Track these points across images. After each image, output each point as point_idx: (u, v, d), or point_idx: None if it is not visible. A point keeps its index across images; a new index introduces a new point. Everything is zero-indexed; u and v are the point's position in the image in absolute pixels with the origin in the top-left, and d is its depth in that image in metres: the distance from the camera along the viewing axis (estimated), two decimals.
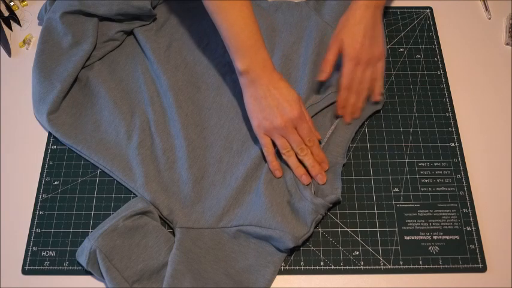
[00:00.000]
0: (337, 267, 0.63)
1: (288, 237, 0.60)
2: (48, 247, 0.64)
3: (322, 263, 0.63)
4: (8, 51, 0.79)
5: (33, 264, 0.63)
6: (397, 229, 0.65)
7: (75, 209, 0.67)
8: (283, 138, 0.65)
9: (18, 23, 0.82)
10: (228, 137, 0.71)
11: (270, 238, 0.61)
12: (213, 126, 0.72)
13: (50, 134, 0.72)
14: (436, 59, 0.78)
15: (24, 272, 0.63)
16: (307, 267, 0.63)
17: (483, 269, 0.62)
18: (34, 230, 0.66)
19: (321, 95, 0.72)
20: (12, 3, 0.83)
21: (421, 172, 0.69)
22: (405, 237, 0.64)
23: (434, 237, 0.64)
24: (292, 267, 0.63)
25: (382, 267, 0.63)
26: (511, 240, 0.64)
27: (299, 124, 0.64)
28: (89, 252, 0.59)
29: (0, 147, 0.72)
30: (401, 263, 0.63)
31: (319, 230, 0.65)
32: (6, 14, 0.82)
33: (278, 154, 0.67)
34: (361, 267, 0.63)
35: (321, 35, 0.76)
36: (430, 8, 0.83)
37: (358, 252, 0.64)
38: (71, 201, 0.67)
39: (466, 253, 0.63)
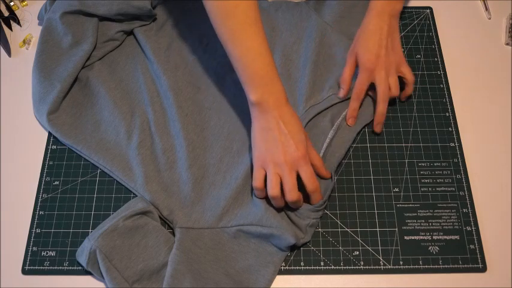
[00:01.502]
0: (337, 267, 0.63)
1: (289, 233, 0.60)
2: (48, 247, 0.64)
3: (322, 263, 0.63)
4: (8, 51, 0.79)
5: (33, 264, 0.63)
6: (397, 229, 0.65)
7: (75, 209, 0.67)
8: (278, 176, 0.61)
9: (18, 23, 0.82)
10: (228, 137, 0.70)
11: (271, 236, 0.61)
12: (213, 126, 0.72)
13: (50, 134, 0.72)
14: (436, 59, 0.78)
15: (24, 272, 0.63)
16: (307, 267, 0.63)
17: (483, 269, 0.62)
18: (34, 230, 0.66)
19: (322, 96, 0.72)
20: (12, 3, 0.83)
21: (421, 172, 0.69)
22: (405, 237, 0.64)
23: (434, 237, 0.64)
24: (292, 267, 0.63)
25: (382, 267, 0.63)
26: (511, 240, 0.65)
27: (301, 165, 0.60)
28: (89, 252, 0.59)
29: (0, 147, 0.72)
30: (401, 263, 0.63)
31: (319, 230, 0.65)
32: (6, 14, 0.82)
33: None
34: (361, 267, 0.63)
35: (321, 35, 0.76)
36: (430, 8, 0.83)
37: (358, 252, 0.64)
38: (71, 201, 0.67)
39: (466, 253, 0.63)
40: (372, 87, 0.71)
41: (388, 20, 0.70)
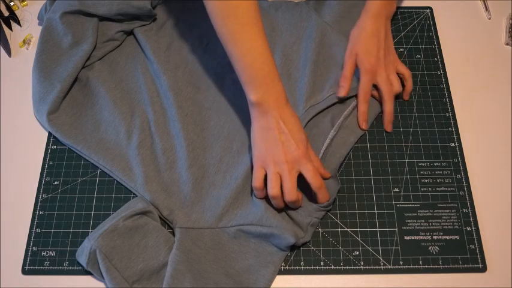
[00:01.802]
0: (337, 267, 0.63)
1: (289, 233, 0.60)
2: (48, 247, 0.64)
3: (322, 263, 0.63)
4: (8, 51, 0.79)
5: (33, 264, 0.63)
6: (397, 229, 0.65)
7: (75, 209, 0.67)
8: (278, 175, 0.61)
9: (18, 23, 0.82)
10: (228, 137, 0.71)
11: (271, 236, 0.61)
12: (213, 126, 0.72)
13: (50, 134, 0.72)
14: (436, 59, 0.78)
15: (24, 272, 0.63)
16: (307, 267, 0.63)
17: (483, 269, 0.62)
18: (34, 230, 0.66)
19: (322, 95, 0.72)
20: (12, 3, 0.83)
21: (421, 172, 0.69)
22: (405, 237, 0.64)
23: (434, 237, 0.64)
24: (292, 267, 0.63)
25: (382, 267, 0.63)
26: (511, 240, 0.65)
27: (303, 164, 0.60)
28: (89, 252, 0.59)
29: (0, 147, 0.72)
30: (401, 263, 0.63)
31: (319, 230, 0.65)
32: (6, 14, 0.82)
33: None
34: (361, 267, 0.63)
35: (321, 35, 0.76)
36: (430, 8, 0.83)
37: (358, 252, 0.64)
38: (71, 201, 0.67)
39: (466, 253, 0.63)
40: (374, 87, 0.72)
41: (385, 21, 0.72)
